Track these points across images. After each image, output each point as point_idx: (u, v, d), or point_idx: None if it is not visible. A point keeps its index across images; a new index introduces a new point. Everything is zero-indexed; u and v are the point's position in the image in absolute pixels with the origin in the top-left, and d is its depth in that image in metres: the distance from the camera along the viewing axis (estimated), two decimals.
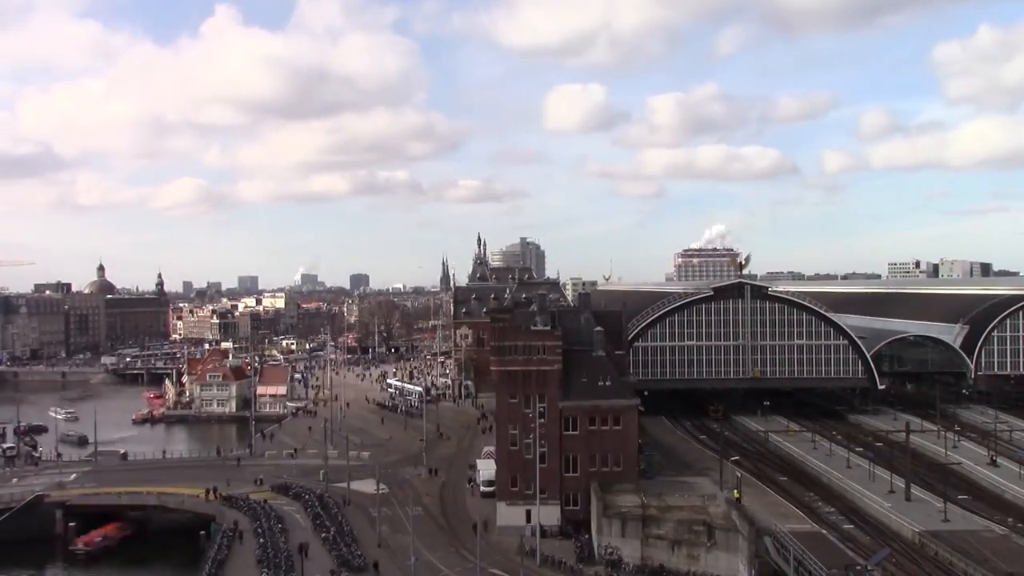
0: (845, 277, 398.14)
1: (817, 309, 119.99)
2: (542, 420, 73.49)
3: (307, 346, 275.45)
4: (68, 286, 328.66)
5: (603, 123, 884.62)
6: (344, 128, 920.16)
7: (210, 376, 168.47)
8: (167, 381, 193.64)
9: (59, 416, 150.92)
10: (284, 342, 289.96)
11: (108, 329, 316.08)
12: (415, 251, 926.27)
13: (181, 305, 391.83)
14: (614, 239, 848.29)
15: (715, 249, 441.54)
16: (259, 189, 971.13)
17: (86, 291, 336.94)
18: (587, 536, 69.38)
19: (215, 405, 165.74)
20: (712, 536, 62.42)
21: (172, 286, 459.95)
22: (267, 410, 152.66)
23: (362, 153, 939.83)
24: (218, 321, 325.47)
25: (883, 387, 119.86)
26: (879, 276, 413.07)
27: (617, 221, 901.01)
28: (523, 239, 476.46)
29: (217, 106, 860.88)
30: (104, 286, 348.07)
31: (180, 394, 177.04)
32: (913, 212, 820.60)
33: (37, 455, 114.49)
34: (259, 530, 75.10)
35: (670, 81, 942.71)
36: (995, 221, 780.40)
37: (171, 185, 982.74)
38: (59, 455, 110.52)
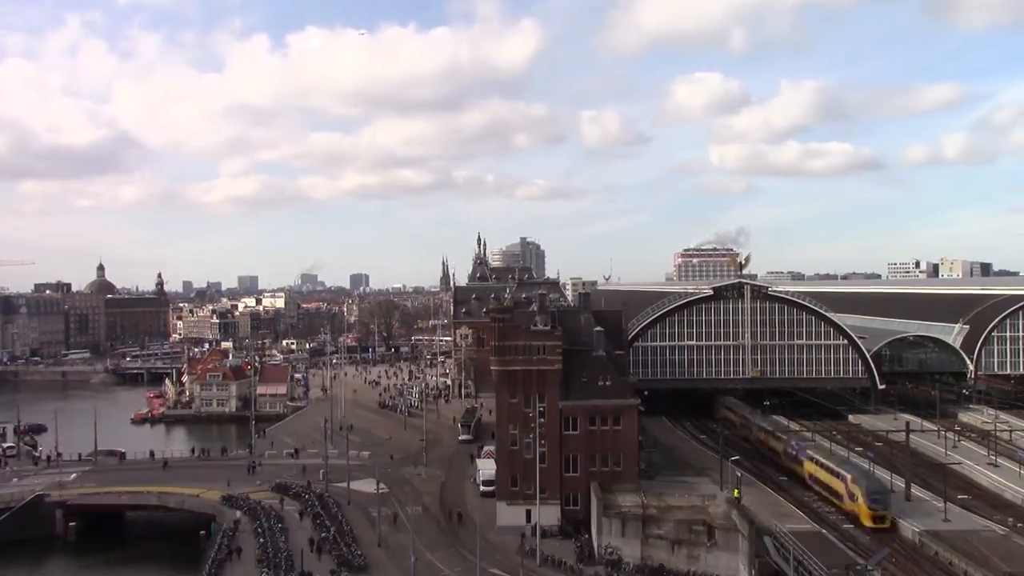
0: (845, 277, 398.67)
1: (817, 309, 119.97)
2: (542, 420, 73.51)
3: (307, 346, 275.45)
4: (68, 286, 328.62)
5: (723, 111, 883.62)
6: (446, 121, 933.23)
7: (210, 376, 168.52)
8: (167, 381, 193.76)
9: None
10: (284, 342, 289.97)
11: (108, 329, 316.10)
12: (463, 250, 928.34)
13: (181, 305, 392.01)
14: (617, 239, 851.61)
15: (715, 249, 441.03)
16: (326, 186, 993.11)
17: (86, 291, 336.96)
18: (587, 536, 69.40)
19: (215, 405, 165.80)
20: (712, 536, 62.42)
21: (172, 286, 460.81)
22: (267, 409, 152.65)
23: (450, 147, 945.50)
24: (218, 321, 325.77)
25: (883, 387, 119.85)
26: (879, 276, 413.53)
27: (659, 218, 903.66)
28: (523, 239, 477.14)
29: (320, 99, 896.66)
30: (104, 286, 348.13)
31: (180, 394, 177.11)
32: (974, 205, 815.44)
33: (37, 454, 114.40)
34: (259, 530, 75.10)
35: (804, 70, 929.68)
36: (994, 221, 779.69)
37: (230, 182, 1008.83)
38: (59, 454, 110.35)
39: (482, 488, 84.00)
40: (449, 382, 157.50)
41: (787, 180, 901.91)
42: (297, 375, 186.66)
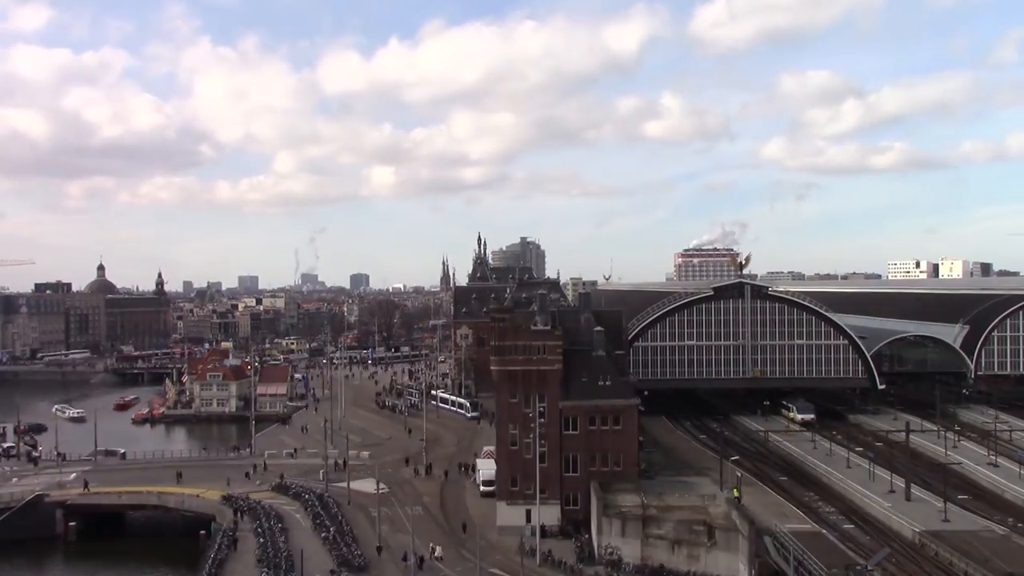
0: (845, 277, 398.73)
1: (817, 309, 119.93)
2: (542, 420, 73.50)
3: (307, 345, 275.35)
4: (68, 286, 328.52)
5: (822, 105, 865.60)
6: (526, 116, 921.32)
7: (210, 376, 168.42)
8: (167, 381, 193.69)
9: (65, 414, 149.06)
10: (284, 342, 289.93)
11: (108, 329, 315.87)
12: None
13: (182, 305, 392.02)
14: (620, 238, 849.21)
15: (715, 249, 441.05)
16: (377, 184, 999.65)
17: (86, 291, 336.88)
18: (587, 536, 69.39)
19: (215, 405, 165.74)
20: (712, 536, 62.41)
21: (173, 286, 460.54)
22: (267, 409, 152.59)
23: (522, 144, 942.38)
24: (218, 321, 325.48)
25: (883, 387, 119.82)
26: (879, 276, 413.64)
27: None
28: (523, 239, 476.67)
29: (410, 93, 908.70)
30: (104, 286, 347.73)
31: (180, 393, 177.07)
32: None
33: (37, 454, 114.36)
34: (259, 530, 75.10)
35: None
36: (995, 221, 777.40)
37: (286, 179, 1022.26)
38: (60, 454, 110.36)
39: (482, 488, 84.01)
40: (449, 382, 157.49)
41: (847, 178, 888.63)
42: (297, 375, 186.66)
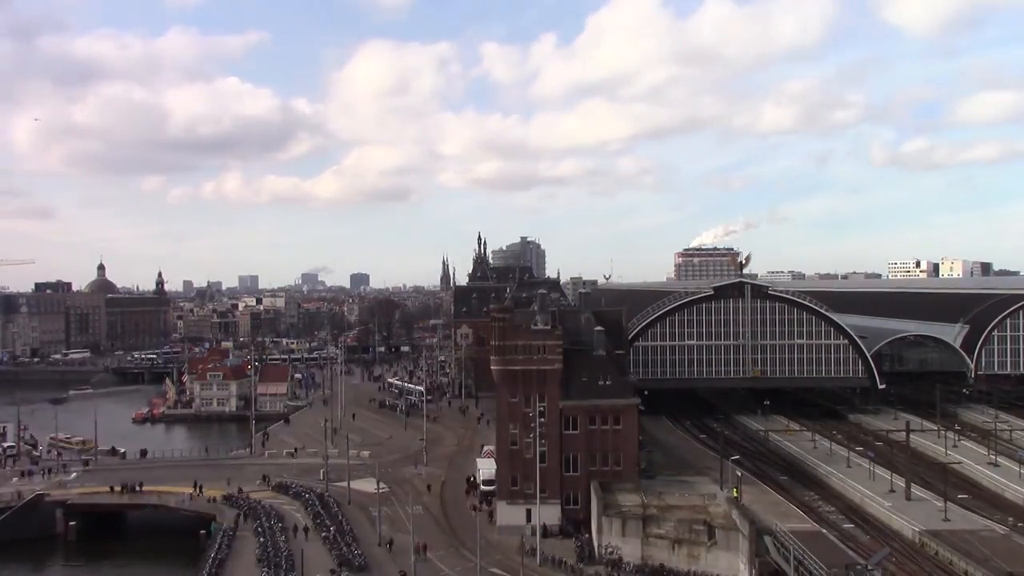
0: (845, 277, 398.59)
1: (817, 309, 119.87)
2: (542, 419, 73.54)
3: (308, 345, 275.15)
4: (68, 285, 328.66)
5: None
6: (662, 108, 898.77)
7: (210, 375, 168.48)
8: (167, 380, 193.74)
9: None
10: (284, 341, 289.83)
11: (108, 328, 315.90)
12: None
13: (182, 304, 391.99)
14: (623, 237, 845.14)
15: (715, 248, 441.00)
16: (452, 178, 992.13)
17: (86, 290, 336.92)
18: (587, 535, 69.41)
19: (215, 404, 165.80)
20: (712, 535, 62.44)
21: (173, 285, 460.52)
22: (267, 409, 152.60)
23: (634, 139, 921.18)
24: (218, 321, 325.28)
25: (883, 387, 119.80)
26: (879, 276, 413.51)
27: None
28: (523, 238, 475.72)
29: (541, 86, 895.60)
30: (104, 285, 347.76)
31: (180, 393, 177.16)
32: None
33: (37, 454, 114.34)
34: (259, 529, 75.14)
35: None
36: (995, 221, 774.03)
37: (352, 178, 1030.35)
38: (59, 454, 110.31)
39: (482, 488, 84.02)
40: (449, 381, 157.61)
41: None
42: (297, 375, 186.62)
